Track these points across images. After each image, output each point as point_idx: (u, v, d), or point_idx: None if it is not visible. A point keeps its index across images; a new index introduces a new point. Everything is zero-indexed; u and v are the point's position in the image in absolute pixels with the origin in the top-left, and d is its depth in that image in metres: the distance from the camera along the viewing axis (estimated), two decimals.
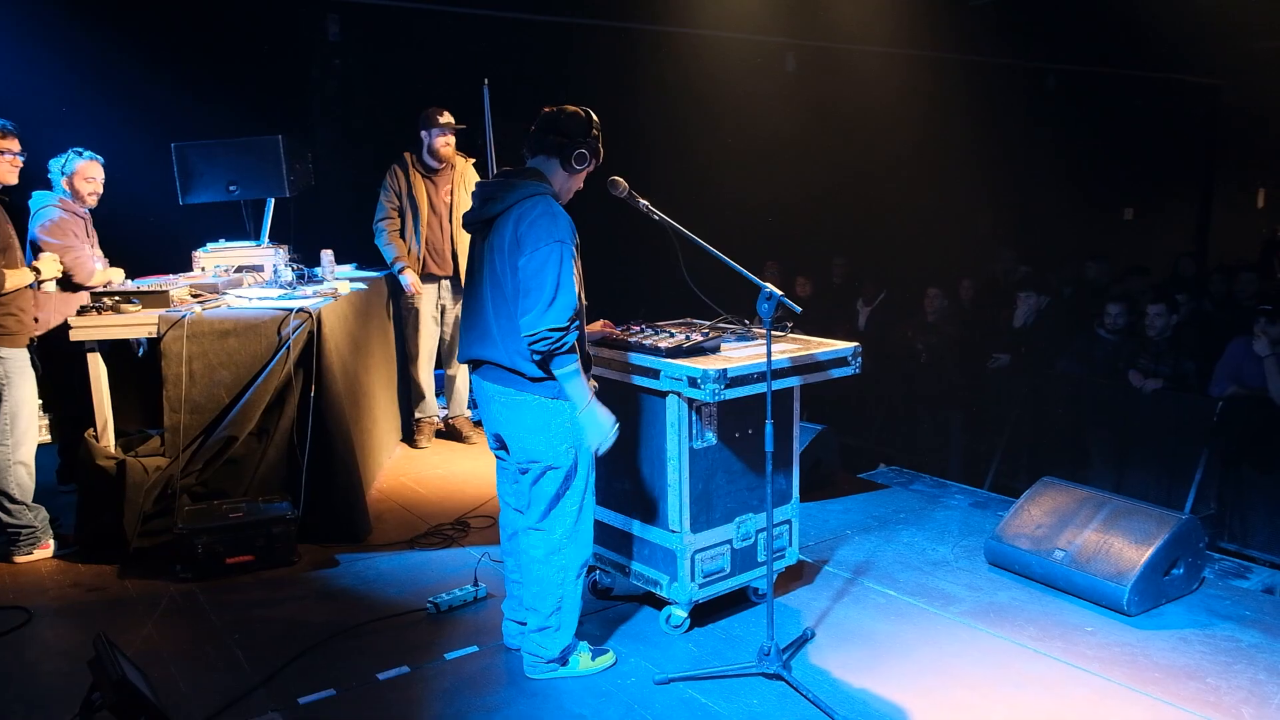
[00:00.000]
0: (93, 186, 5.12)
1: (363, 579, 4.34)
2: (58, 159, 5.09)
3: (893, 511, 5.10)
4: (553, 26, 9.03)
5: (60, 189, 5.10)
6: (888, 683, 3.40)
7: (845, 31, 10.49)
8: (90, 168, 5.11)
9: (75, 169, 5.06)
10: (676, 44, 9.63)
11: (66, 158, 5.08)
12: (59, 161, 5.07)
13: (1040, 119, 12.35)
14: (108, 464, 4.51)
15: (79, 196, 5.11)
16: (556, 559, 3.37)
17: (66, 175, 5.06)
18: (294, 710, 3.28)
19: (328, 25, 8.57)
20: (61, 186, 5.08)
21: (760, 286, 3.24)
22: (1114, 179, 13.18)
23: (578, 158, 3.27)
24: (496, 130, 6.06)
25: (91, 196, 5.13)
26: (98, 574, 4.41)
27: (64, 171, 5.05)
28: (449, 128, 5.94)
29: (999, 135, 11.52)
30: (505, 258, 3.21)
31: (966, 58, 11.47)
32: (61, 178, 5.07)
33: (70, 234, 5.02)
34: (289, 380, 4.59)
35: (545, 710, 3.27)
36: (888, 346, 8.01)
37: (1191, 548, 3.98)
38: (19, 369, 4.44)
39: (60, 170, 5.06)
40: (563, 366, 3.17)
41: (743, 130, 10.03)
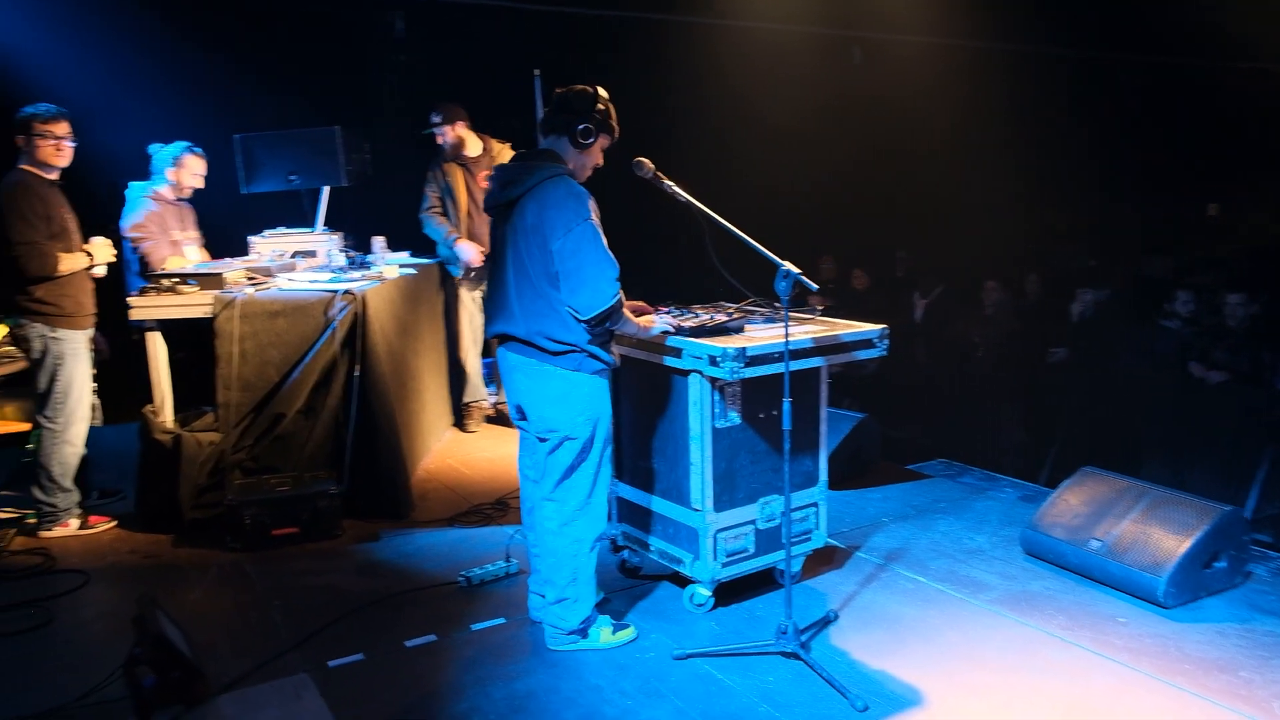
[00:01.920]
0: (196, 181, 5.44)
1: (401, 553, 4.47)
2: (164, 149, 5.38)
3: (932, 501, 5.04)
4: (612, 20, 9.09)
5: (162, 178, 5.37)
6: (907, 665, 3.38)
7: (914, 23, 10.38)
8: (198, 163, 5.43)
9: (185, 162, 5.36)
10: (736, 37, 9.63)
11: (178, 150, 5.36)
12: (168, 151, 5.35)
13: (1121, 112, 12.02)
14: (164, 438, 4.71)
15: (180, 187, 5.40)
16: (570, 530, 3.44)
17: (175, 166, 5.35)
18: (322, 672, 3.40)
19: (393, 22, 8.79)
20: (165, 176, 5.36)
21: (778, 265, 3.25)
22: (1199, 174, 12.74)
23: (583, 132, 3.34)
24: None
25: (189, 189, 5.45)
26: (154, 542, 4.62)
27: (173, 162, 5.34)
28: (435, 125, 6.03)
29: (1078, 128, 11.29)
30: (529, 238, 3.29)
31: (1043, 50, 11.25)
32: (169, 167, 5.35)
33: (151, 226, 5.28)
34: (335, 360, 4.75)
35: (564, 680, 3.34)
36: (944, 340, 7.89)
37: (1234, 540, 3.87)
38: (74, 350, 4.65)
39: (170, 160, 5.34)
40: (618, 324, 3.40)
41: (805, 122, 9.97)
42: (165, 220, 5.40)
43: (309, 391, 4.77)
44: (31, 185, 4.50)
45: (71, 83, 6.22)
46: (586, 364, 3.37)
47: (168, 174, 5.37)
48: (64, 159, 4.64)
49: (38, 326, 4.58)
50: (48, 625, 3.81)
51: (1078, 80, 11.77)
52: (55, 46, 6.51)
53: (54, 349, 4.61)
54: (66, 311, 4.62)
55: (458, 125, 6.10)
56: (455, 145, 6.06)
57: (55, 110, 4.59)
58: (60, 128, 4.59)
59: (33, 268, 4.47)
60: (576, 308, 3.25)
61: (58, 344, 4.61)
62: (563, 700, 3.21)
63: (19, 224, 4.42)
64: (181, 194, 5.48)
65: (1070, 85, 11.66)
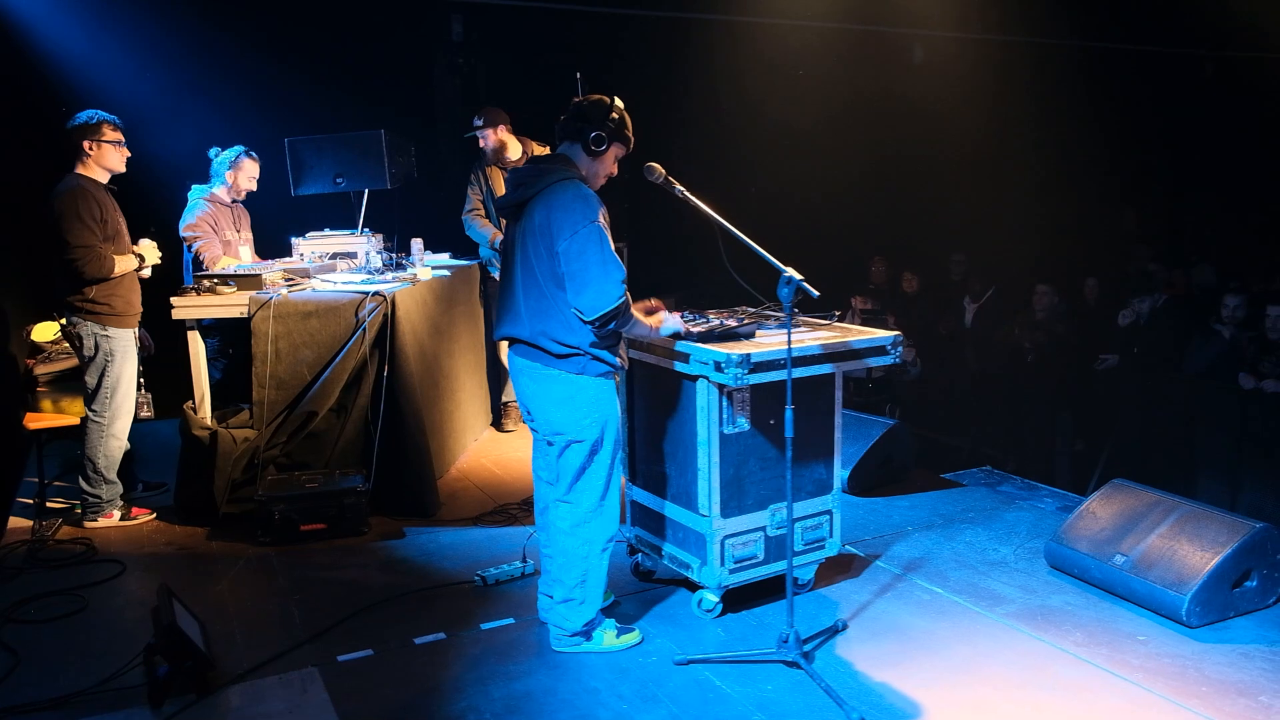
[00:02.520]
0: (251, 184, 5.67)
1: (424, 551, 4.55)
2: (222, 154, 5.59)
3: (961, 510, 4.95)
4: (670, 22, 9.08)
5: (221, 180, 5.59)
6: (910, 678, 3.33)
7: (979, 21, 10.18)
8: (253, 166, 5.65)
9: (242, 165, 5.58)
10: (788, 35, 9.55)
11: (235, 153, 5.58)
12: (226, 155, 5.57)
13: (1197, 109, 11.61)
14: (202, 434, 4.87)
15: (236, 189, 5.62)
16: (582, 531, 3.46)
17: (232, 169, 5.57)
18: (332, 666, 3.48)
19: (451, 25, 8.92)
20: (224, 178, 5.57)
21: (780, 270, 3.23)
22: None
23: (595, 140, 3.36)
24: None
25: (244, 192, 5.69)
26: (190, 535, 4.78)
27: (230, 165, 5.56)
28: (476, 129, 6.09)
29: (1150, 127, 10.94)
30: (537, 239, 3.33)
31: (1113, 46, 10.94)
32: (227, 170, 5.57)
33: (205, 227, 5.48)
34: (365, 360, 4.85)
35: (563, 681, 3.37)
36: (993, 345, 7.72)
37: (1268, 559, 3.72)
38: (123, 348, 4.84)
39: (228, 163, 5.56)
40: (626, 326, 3.42)
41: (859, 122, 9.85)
42: (220, 221, 5.59)
43: (340, 390, 4.88)
44: (89, 190, 4.69)
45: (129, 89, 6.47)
46: (591, 367, 3.39)
47: (226, 176, 5.56)
48: (123, 164, 4.83)
49: (90, 325, 4.77)
50: (82, 612, 3.97)
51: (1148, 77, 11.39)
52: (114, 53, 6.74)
53: (105, 346, 4.79)
54: (117, 311, 4.81)
55: (500, 129, 6.17)
56: (497, 149, 6.13)
57: (115, 118, 4.80)
58: (119, 134, 4.79)
59: (90, 270, 4.65)
60: (581, 309, 3.28)
61: (108, 342, 4.79)
62: (559, 702, 3.23)
63: (78, 227, 4.61)
64: (238, 196, 5.69)
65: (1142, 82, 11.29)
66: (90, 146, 4.74)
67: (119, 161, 4.82)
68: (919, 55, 10.88)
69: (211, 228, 5.55)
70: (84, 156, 4.75)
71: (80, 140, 4.73)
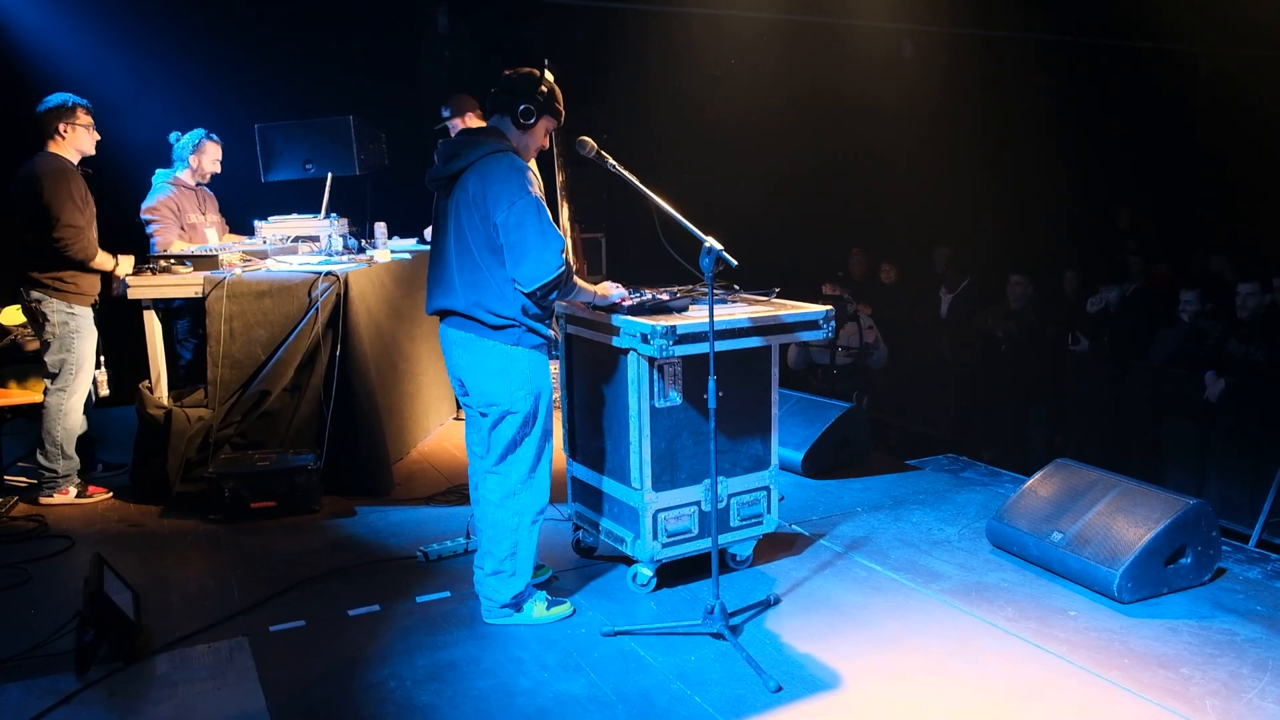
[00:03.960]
0: (214, 166, 5.68)
1: (373, 529, 4.56)
2: (184, 138, 5.59)
3: (913, 492, 4.94)
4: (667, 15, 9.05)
5: (184, 164, 5.60)
6: (834, 650, 3.33)
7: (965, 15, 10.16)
8: (215, 149, 5.67)
9: (204, 148, 5.59)
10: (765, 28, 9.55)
11: (196, 136, 5.59)
12: (188, 139, 5.58)
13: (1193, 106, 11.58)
14: (157, 413, 4.89)
15: (200, 172, 5.63)
16: (511, 503, 3.48)
17: (195, 153, 5.57)
18: (263, 637, 3.50)
19: (437, 18, 8.95)
20: (187, 161, 5.58)
21: (701, 240, 3.23)
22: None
23: (524, 113, 3.38)
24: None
25: (209, 174, 5.70)
26: (143, 513, 4.81)
27: (193, 149, 5.57)
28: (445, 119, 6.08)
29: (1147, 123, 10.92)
30: (471, 210, 3.34)
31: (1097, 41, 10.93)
32: (190, 153, 5.57)
33: (165, 212, 5.50)
34: (319, 340, 4.87)
35: (488, 651, 3.38)
36: (967, 334, 7.71)
37: (1201, 535, 3.70)
38: (86, 326, 4.88)
39: (190, 147, 5.57)
40: (569, 295, 3.49)
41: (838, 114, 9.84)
42: (183, 205, 5.60)
43: (294, 370, 4.90)
44: (73, 171, 4.74)
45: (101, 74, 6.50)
46: (525, 339, 3.41)
47: (189, 160, 5.58)
48: (93, 147, 4.87)
49: (56, 302, 4.81)
50: (24, 584, 4.00)
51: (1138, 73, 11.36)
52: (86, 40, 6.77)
53: (71, 324, 4.83)
54: (82, 290, 4.85)
55: (468, 116, 6.17)
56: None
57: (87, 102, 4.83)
58: (91, 118, 4.83)
59: (74, 251, 4.69)
60: (519, 280, 3.29)
61: (74, 319, 4.83)
62: (481, 670, 3.25)
63: (70, 207, 4.65)
64: (202, 179, 5.70)
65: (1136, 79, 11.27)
66: (65, 129, 4.76)
67: (90, 144, 4.85)
68: (909, 50, 10.88)
69: (173, 212, 5.55)
70: (57, 139, 4.77)
71: (55, 123, 4.75)
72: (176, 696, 3.12)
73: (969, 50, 10.39)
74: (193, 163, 5.63)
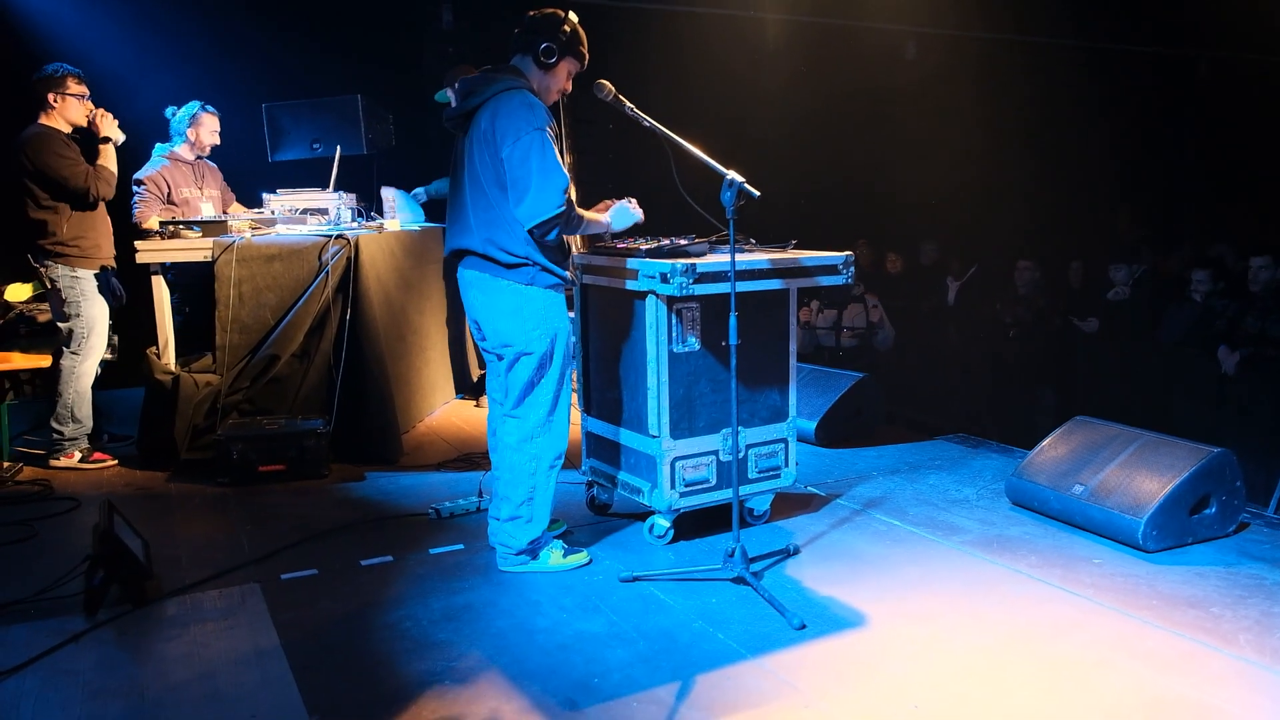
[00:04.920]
0: (213, 138, 5.59)
1: (383, 492, 4.51)
2: (180, 111, 5.53)
3: (928, 459, 4.89)
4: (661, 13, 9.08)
5: (182, 137, 5.53)
6: (857, 594, 3.28)
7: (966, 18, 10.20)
8: (213, 120, 5.58)
9: (201, 120, 5.52)
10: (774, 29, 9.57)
11: (192, 109, 5.52)
12: (184, 112, 5.50)
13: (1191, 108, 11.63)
14: (165, 378, 4.85)
15: (199, 145, 5.56)
16: (529, 446, 3.43)
17: (192, 125, 5.50)
18: (274, 584, 3.44)
19: (441, 13, 8.97)
20: (185, 135, 5.52)
21: (723, 175, 3.20)
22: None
23: (545, 51, 3.34)
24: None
25: (208, 146, 5.61)
26: (150, 478, 4.75)
27: (190, 122, 5.50)
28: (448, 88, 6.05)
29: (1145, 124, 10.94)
30: (483, 147, 3.31)
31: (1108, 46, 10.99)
32: (186, 126, 5.50)
33: (152, 185, 5.40)
34: (328, 304, 4.83)
35: (504, 595, 3.32)
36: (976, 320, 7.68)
37: (1226, 485, 3.66)
38: (91, 288, 4.84)
39: (186, 120, 5.49)
40: (574, 230, 3.40)
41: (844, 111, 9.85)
42: (175, 179, 5.50)
43: (304, 335, 4.86)
44: (59, 134, 4.71)
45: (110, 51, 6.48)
46: (540, 278, 3.37)
47: (186, 133, 5.54)
48: (84, 118, 4.83)
49: (61, 268, 4.78)
50: (29, 540, 3.94)
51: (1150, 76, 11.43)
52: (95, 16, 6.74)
53: (77, 287, 4.79)
54: (85, 252, 4.81)
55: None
56: None
57: (78, 70, 4.80)
58: (84, 87, 4.80)
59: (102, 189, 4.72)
60: (521, 216, 3.25)
61: (78, 283, 4.80)
62: (497, 612, 3.19)
63: (57, 161, 4.63)
64: (201, 151, 5.65)
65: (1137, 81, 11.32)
66: (54, 99, 4.74)
67: (81, 115, 4.81)
68: (912, 51, 10.93)
69: (159, 186, 5.44)
70: (48, 109, 4.75)
71: (45, 92, 4.74)
72: (188, 635, 3.06)
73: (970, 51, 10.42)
74: (189, 135, 5.55)
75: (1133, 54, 11.43)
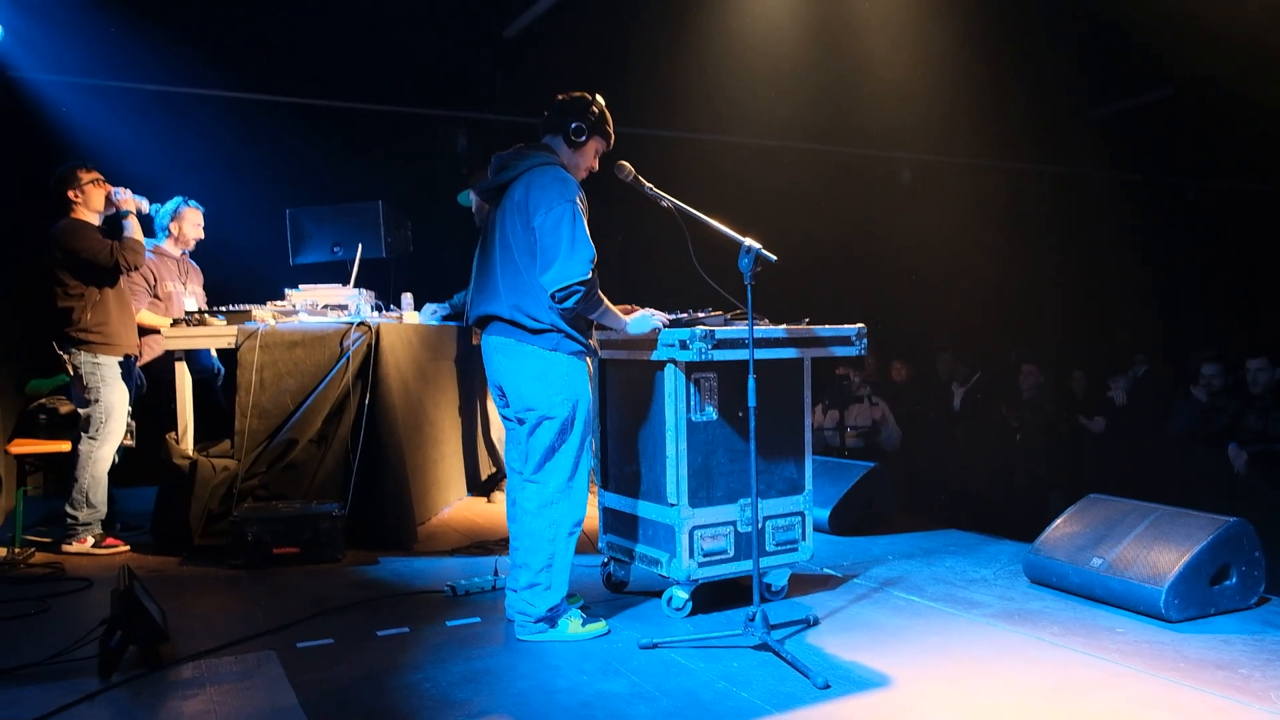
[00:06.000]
0: (196, 232, 5.72)
1: (397, 574, 4.49)
2: (163, 208, 5.66)
3: (943, 545, 4.88)
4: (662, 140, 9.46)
5: (165, 233, 5.67)
6: (880, 659, 3.25)
7: (967, 145, 10.63)
8: (196, 215, 5.72)
9: (184, 215, 5.67)
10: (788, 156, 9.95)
11: (175, 205, 5.67)
12: (167, 209, 5.65)
13: (1183, 231, 12.02)
14: (182, 463, 4.88)
15: (183, 240, 5.70)
16: (549, 512, 3.45)
17: (175, 220, 5.65)
18: (290, 651, 3.41)
19: (457, 138, 9.40)
20: (168, 229, 5.66)
21: (740, 242, 3.34)
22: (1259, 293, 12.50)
23: (575, 130, 3.53)
24: None
25: (192, 241, 5.74)
26: (162, 562, 4.73)
27: (172, 217, 5.65)
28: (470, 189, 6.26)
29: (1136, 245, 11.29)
30: (515, 216, 3.45)
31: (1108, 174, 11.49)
32: (169, 222, 5.65)
33: (140, 280, 5.46)
34: (348, 390, 4.91)
35: (523, 660, 3.29)
36: (981, 425, 7.75)
37: (1245, 555, 3.66)
38: (112, 375, 4.93)
39: (169, 216, 5.65)
40: (593, 311, 3.46)
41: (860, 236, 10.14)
42: (160, 272, 5.61)
43: (322, 420, 4.92)
44: (85, 223, 4.89)
45: (142, 160, 6.74)
46: (564, 344, 3.46)
47: (170, 228, 5.67)
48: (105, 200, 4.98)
49: (83, 354, 4.88)
50: (42, 614, 3.91)
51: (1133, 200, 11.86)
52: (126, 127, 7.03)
53: (97, 373, 4.89)
54: (107, 339, 4.91)
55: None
56: (482, 207, 6.34)
57: (87, 162, 5.01)
58: (95, 173, 4.97)
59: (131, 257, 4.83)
60: (545, 282, 3.36)
61: (98, 369, 4.89)
62: (517, 674, 3.16)
63: (82, 242, 4.79)
64: (186, 246, 5.75)
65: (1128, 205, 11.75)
66: (74, 194, 4.90)
67: (101, 199, 4.95)
68: (907, 177, 11.39)
69: (150, 276, 5.54)
70: (72, 206, 4.90)
71: (64, 191, 4.90)
72: (205, 694, 3.02)
73: (963, 176, 10.83)
74: (173, 230, 5.65)
75: (1126, 181, 11.92)
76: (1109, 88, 10.68)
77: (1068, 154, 11.15)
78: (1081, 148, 11.07)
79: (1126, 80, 10.23)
